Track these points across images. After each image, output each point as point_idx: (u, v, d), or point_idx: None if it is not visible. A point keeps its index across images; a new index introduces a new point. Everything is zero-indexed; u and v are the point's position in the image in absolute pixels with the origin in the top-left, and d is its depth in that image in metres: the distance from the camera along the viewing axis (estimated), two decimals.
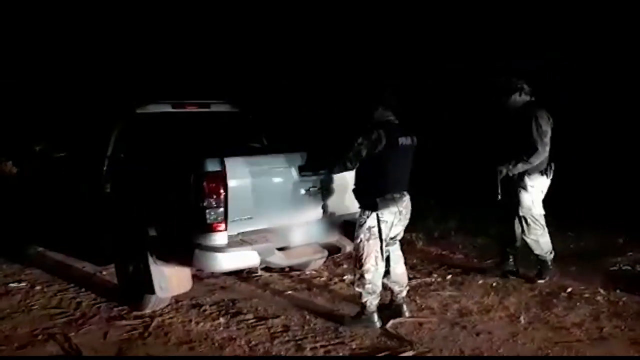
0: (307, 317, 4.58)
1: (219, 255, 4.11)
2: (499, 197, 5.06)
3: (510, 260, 5.41)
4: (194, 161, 4.19)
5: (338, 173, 4.47)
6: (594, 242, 6.49)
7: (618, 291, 4.87)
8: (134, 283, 4.79)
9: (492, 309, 4.64)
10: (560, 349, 3.89)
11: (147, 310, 4.73)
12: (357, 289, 4.32)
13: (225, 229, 4.14)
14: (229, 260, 4.16)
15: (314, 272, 5.74)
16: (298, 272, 5.71)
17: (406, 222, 4.40)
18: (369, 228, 4.20)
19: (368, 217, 4.20)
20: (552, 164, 5.06)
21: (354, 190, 4.36)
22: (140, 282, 4.68)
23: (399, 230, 4.40)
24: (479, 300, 4.84)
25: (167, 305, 4.83)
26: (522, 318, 4.41)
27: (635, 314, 4.40)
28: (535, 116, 4.93)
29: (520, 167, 4.97)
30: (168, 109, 5.57)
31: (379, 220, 4.19)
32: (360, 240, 4.24)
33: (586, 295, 4.82)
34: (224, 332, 4.36)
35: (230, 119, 6.02)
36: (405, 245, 6.33)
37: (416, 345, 4.00)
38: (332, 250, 4.77)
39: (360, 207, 4.30)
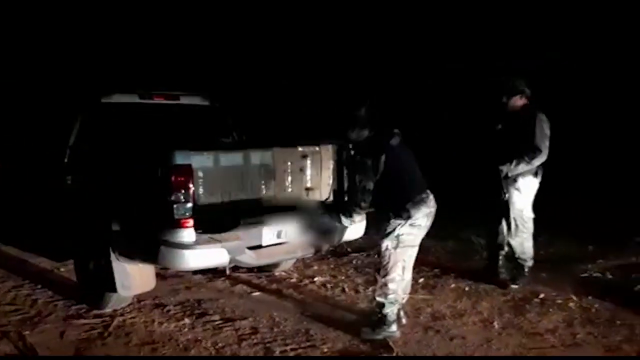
0: (277, 319, 4.42)
1: (186, 252, 3.91)
2: (505, 196, 4.99)
3: (500, 262, 5.32)
4: (161, 154, 3.99)
5: (358, 218, 4.35)
6: (564, 248, 6.48)
7: (590, 298, 4.83)
8: (94, 280, 4.57)
9: (465, 313, 4.55)
10: (535, 354, 3.82)
11: (108, 310, 4.53)
12: (378, 298, 4.05)
13: (194, 225, 3.94)
14: (196, 258, 3.96)
15: (283, 273, 5.58)
16: (267, 273, 5.54)
17: (431, 223, 4.16)
18: (398, 236, 3.96)
19: (400, 225, 3.94)
20: (541, 166, 5.02)
21: (376, 208, 4.10)
22: (101, 279, 4.46)
23: (425, 232, 4.16)
24: (451, 304, 4.75)
25: (129, 305, 4.64)
26: (495, 323, 4.33)
27: (607, 321, 4.36)
28: (538, 119, 4.89)
29: (521, 168, 4.91)
30: (135, 99, 5.37)
31: (412, 226, 3.96)
32: (387, 248, 3.99)
33: (559, 302, 4.77)
34: (189, 333, 4.17)
35: (201, 113, 5.83)
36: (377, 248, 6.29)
37: (389, 349, 3.87)
38: (306, 250, 4.62)
39: (386, 216, 4.00)
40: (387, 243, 3.98)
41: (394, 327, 4.03)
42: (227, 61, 10.62)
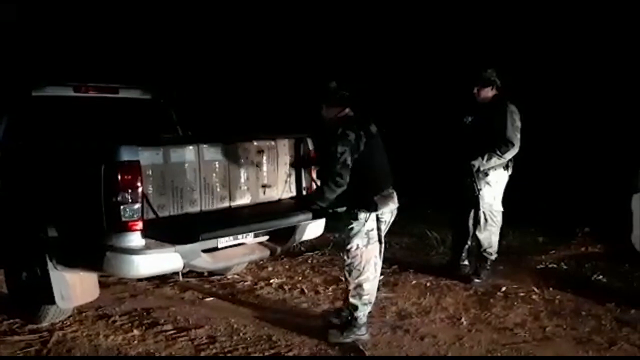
0: (235, 325, 4.12)
1: (135, 258, 3.54)
2: (478, 192, 4.84)
3: (463, 256, 5.21)
4: (105, 149, 3.62)
5: (333, 197, 3.75)
6: (517, 240, 6.49)
7: (551, 289, 4.80)
8: (28, 292, 4.13)
9: (430, 310, 4.41)
10: (509, 350, 3.70)
11: (45, 324, 4.12)
12: (352, 300, 3.79)
13: (143, 228, 3.58)
14: (147, 265, 3.59)
15: (236, 277, 5.26)
16: (219, 277, 5.21)
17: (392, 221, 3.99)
18: (367, 232, 3.72)
19: (366, 219, 3.70)
20: (512, 159, 4.91)
21: (337, 196, 3.75)
22: (37, 290, 4.03)
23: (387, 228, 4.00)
24: (415, 302, 4.59)
25: (69, 317, 4.23)
26: (463, 319, 4.20)
27: (573, 313, 4.32)
28: (508, 110, 4.76)
29: (493, 162, 4.78)
30: (69, 92, 4.94)
31: (378, 221, 3.78)
32: (357, 247, 3.73)
33: (521, 294, 4.71)
34: (140, 345, 3.82)
35: (142, 107, 5.43)
36: (330, 246, 6.08)
37: (359, 351, 3.66)
38: (263, 252, 4.34)
39: (351, 211, 3.72)
40: (356, 242, 3.74)
41: (363, 330, 3.82)
42: (169, 52, 10.06)
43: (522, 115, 4.86)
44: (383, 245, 3.97)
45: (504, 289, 4.84)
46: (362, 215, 3.70)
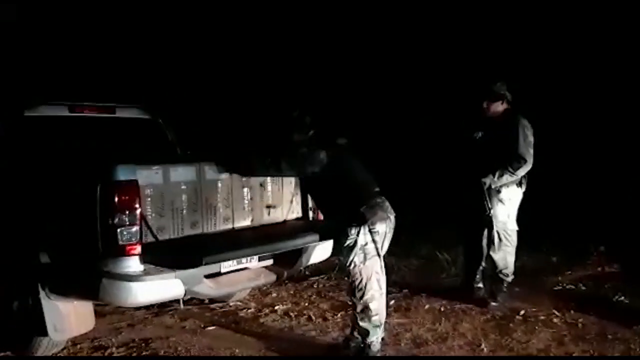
0: (240, 356, 3.85)
1: (133, 285, 3.30)
2: (490, 212, 4.62)
3: (477, 278, 4.96)
4: (101, 168, 3.39)
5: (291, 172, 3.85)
6: (529, 260, 6.23)
7: (572, 312, 4.55)
8: (19, 323, 3.85)
9: (447, 336, 4.15)
10: None
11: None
12: (361, 324, 3.59)
13: (141, 253, 3.34)
14: (146, 292, 3.34)
15: (239, 303, 5.00)
16: (220, 304, 4.95)
17: (392, 233, 3.76)
18: (362, 247, 3.53)
19: (358, 233, 3.53)
20: (526, 175, 4.70)
21: (325, 215, 3.78)
22: (27, 321, 3.76)
23: (387, 243, 3.76)
24: (431, 327, 4.33)
25: (62, 349, 3.96)
26: (483, 346, 3.95)
27: (598, 336, 4.07)
28: (520, 125, 4.55)
29: (505, 180, 4.56)
30: (64, 112, 4.73)
31: (371, 233, 3.56)
32: (355, 265, 3.55)
33: (542, 318, 4.46)
34: None
35: (139, 126, 5.22)
36: (336, 270, 5.82)
37: None
38: (269, 277, 4.09)
39: (342, 229, 3.60)
40: (352, 259, 3.55)
41: (377, 355, 3.56)
42: (166, 71, 9.86)
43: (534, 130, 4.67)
44: (382, 258, 3.70)
45: (522, 312, 4.58)
46: (352, 231, 3.54)
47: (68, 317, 3.70)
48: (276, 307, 4.88)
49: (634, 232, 6.25)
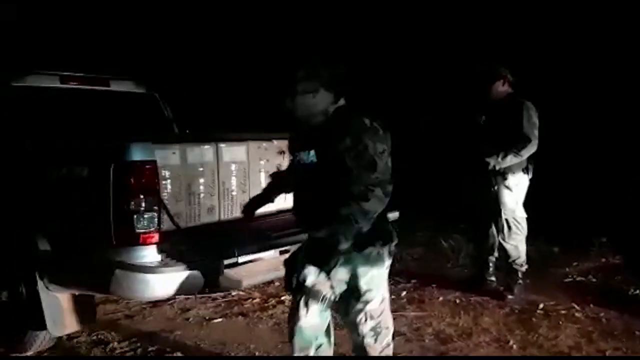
0: (256, 353, 3.61)
1: (151, 277, 2.96)
2: (495, 188, 4.48)
3: (490, 270, 4.79)
4: (114, 147, 3.04)
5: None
6: (532, 251, 6.04)
7: (592, 306, 4.41)
8: (11, 315, 3.50)
9: (471, 332, 3.94)
10: None
11: (30, 352, 3.50)
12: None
13: (159, 241, 3.01)
14: (165, 285, 2.99)
15: (242, 293, 4.69)
16: (222, 294, 4.64)
17: None
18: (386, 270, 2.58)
19: (389, 255, 2.54)
20: (532, 161, 4.54)
21: (314, 222, 2.49)
22: (22, 314, 3.41)
23: None
24: (451, 322, 4.12)
25: (57, 342, 3.60)
26: (511, 343, 3.76)
27: (625, 333, 3.93)
28: (524, 106, 4.39)
29: (509, 161, 4.38)
30: (55, 83, 4.31)
31: (390, 254, 2.56)
32: (382, 300, 2.57)
33: (563, 312, 4.30)
34: None
35: (135, 101, 4.85)
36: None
37: None
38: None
39: (368, 253, 2.46)
40: (382, 294, 2.57)
41: None
42: (164, 44, 9.35)
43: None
44: None
45: (541, 306, 4.42)
46: (385, 253, 2.52)
47: (68, 310, 3.36)
48: (282, 297, 4.59)
49: (635, 224, 6.19)
